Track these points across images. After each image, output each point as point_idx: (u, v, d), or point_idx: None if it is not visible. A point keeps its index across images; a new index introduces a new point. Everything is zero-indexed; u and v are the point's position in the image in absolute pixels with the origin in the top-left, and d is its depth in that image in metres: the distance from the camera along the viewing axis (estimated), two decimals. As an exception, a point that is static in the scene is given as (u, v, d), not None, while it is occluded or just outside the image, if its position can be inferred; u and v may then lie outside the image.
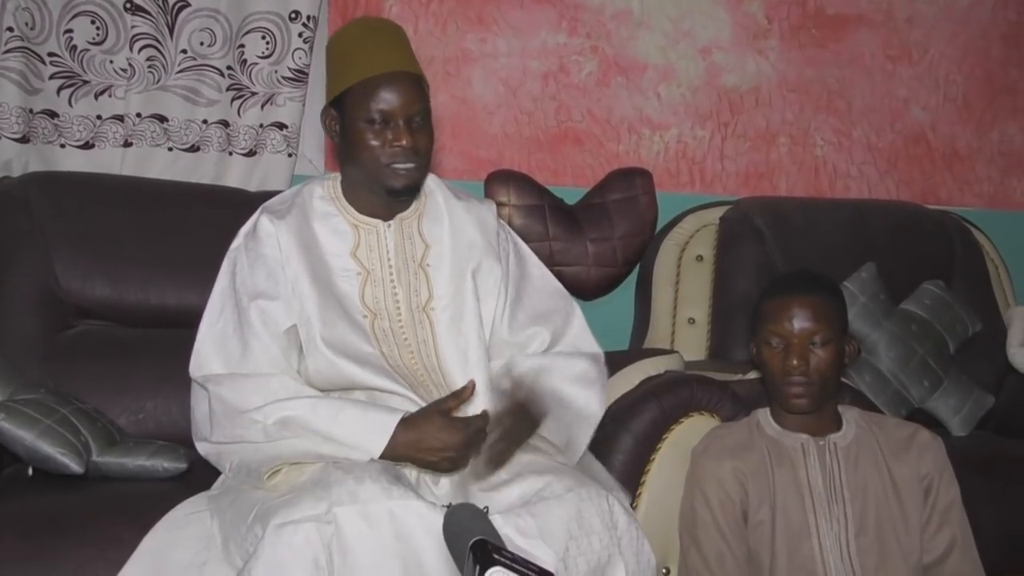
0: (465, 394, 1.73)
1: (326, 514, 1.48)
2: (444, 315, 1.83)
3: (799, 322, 1.87)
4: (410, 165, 1.77)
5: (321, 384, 1.77)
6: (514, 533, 1.54)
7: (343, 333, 1.77)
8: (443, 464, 1.68)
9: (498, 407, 1.74)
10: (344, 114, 1.79)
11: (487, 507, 1.56)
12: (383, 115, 1.75)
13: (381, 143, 1.75)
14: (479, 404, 1.79)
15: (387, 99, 1.74)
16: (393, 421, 1.65)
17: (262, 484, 1.64)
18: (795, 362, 1.85)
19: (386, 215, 1.86)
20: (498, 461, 1.68)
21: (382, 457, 1.64)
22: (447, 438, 1.66)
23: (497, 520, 1.53)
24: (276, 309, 1.76)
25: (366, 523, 1.49)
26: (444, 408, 1.70)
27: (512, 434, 1.71)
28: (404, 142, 1.74)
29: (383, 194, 1.81)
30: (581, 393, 1.85)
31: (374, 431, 1.65)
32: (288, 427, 1.66)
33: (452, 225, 1.89)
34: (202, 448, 1.80)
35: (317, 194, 1.87)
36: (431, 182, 1.93)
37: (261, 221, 1.82)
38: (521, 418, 1.74)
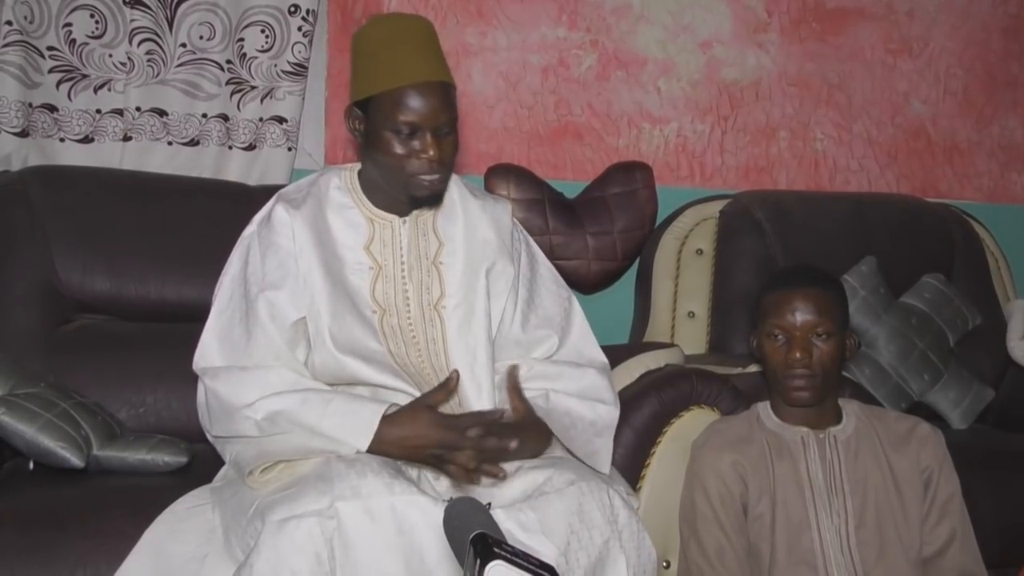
0: (451, 385, 1.70)
1: (328, 509, 1.48)
2: (455, 314, 1.81)
3: (802, 315, 1.87)
4: (435, 176, 1.74)
5: (327, 379, 1.76)
6: (515, 528, 1.54)
7: (351, 328, 1.76)
8: (429, 460, 1.66)
9: (520, 416, 1.73)
10: (370, 118, 1.73)
11: (490, 503, 1.56)
12: (410, 127, 1.70)
13: (406, 152, 1.71)
14: (483, 401, 1.79)
15: (415, 111, 1.69)
16: (378, 414, 1.64)
17: (251, 482, 1.63)
18: (798, 355, 1.85)
19: (402, 210, 1.83)
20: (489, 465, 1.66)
21: (369, 451, 1.63)
22: (433, 435, 1.64)
23: (499, 515, 1.53)
24: (285, 301, 1.74)
25: (368, 518, 1.49)
26: (432, 403, 1.68)
27: (522, 451, 1.70)
28: (431, 153, 1.70)
29: (405, 200, 1.79)
30: (593, 407, 1.83)
31: (359, 425, 1.64)
32: (277, 422, 1.66)
33: (467, 223, 1.87)
34: (209, 439, 1.79)
35: (334, 184, 1.84)
36: None
37: (276, 210, 1.79)
38: (536, 437, 1.74)
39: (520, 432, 1.69)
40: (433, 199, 1.81)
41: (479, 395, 1.79)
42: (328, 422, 1.64)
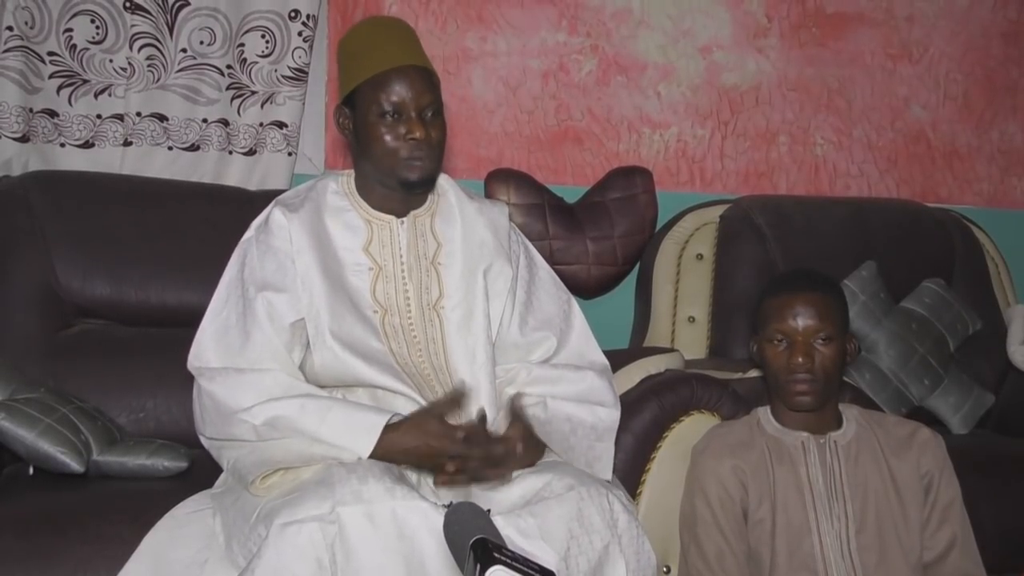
0: (459, 398, 1.70)
1: (330, 514, 1.48)
2: (454, 314, 1.82)
3: (803, 320, 1.87)
4: (424, 159, 1.77)
5: (326, 380, 1.76)
6: (515, 534, 1.54)
7: (352, 327, 1.76)
8: (435, 470, 1.66)
9: (516, 428, 1.73)
10: (356, 111, 1.79)
11: (489, 510, 1.56)
12: (395, 107, 1.75)
13: (394, 136, 1.75)
14: (482, 400, 1.78)
15: (398, 92, 1.75)
16: (381, 422, 1.64)
17: (254, 490, 1.63)
18: (800, 359, 1.85)
19: (400, 212, 1.85)
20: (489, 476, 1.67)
21: (372, 457, 1.63)
22: (443, 446, 1.64)
23: (498, 521, 1.52)
24: (283, 302, 1.75)
25: (370, 523, 1.48)
26: (439, 414, 1.68)
27: (520, 461, 1.71)
28: (417, 134, 1.74)
29: (398, 188, 1.80)
30: (593, 411, 1.84)
31: (361, 432, 1.64)
32: (276, 427, 1.65)
33: (464, 225, 1.88)
34: (203, 441, 1.79)
35: (331, 189, 1.87)
36: (444, 182, 1.92)
37: (274, 214, 1.81)
38: (531, 447, 1.74)
39: (520, 442, 1.71)
40: (424, 182, 1.81)
41: (478, 395, 1.79)
42: (328, 429, 1.64)
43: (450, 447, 1.63)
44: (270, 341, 1.73)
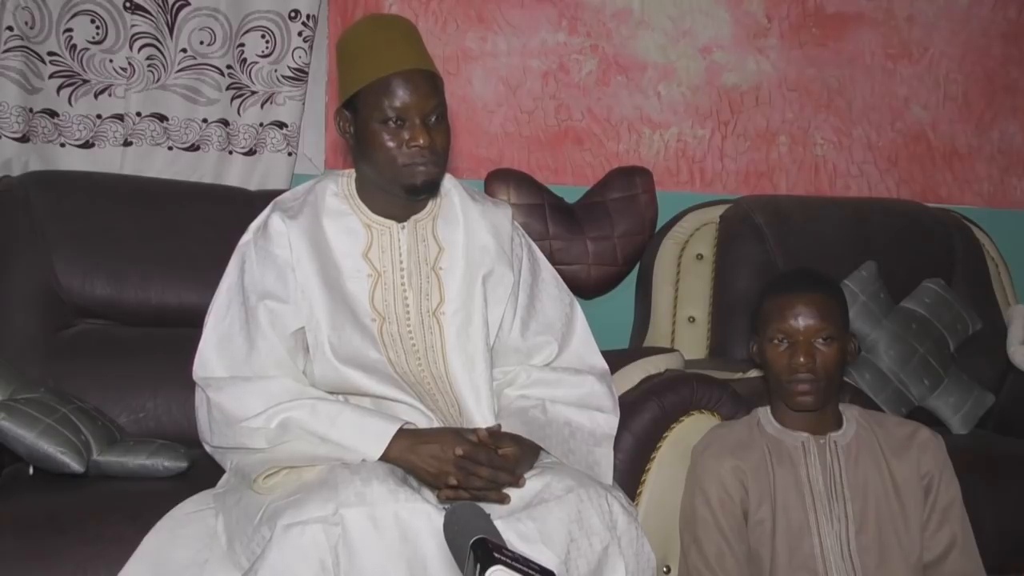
0: (482, 436, 1.69)
1: (333, 515, 1.48)
2: (454, 320, 1.80)
3: (804, 320, 1.87)
4: (428, 164, 1.73)
5: (327, 388, 1.75)
6: (515, 538, 1.53)
7: (350, 337, 1.74)
8: (439, 479, 1.65)
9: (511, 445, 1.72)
10: (358, 115, 1.74)
11: (489, 514, 1.55)
12: (398, 113, 1.70)
13: (397, 143, 1.71)
14: (482, 408, 1.78)
15: (401, 97, 1.69)
16: (393, 429, 1.64)
17: (257, 488, 1.63)
18: (802, 359, 1.85)
19: (401, 216, 1.82)
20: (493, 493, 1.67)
21: (387, 459, 1.63)
22: (448, 454, 1.64)
23: (498, 525, 1.52)
24: (285, 311, 1.73)
25: (373, 525, 1.48)
26: (459, 432, 1.69)
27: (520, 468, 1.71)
28: (421, 141, 1.70)
29: (400, 194, 1.77)
30: (592, 416, 1.83)
31: (372, 436, 1.64)
32: (288, 430, 1.65)
33: (467, 228, 1.85)
34: (207, 448, 1.79)
35: (331, 191, 1.83)
36: (447, 182, 1.89)
37: (272, 219, 1.78)
38: (529, 458, 1.74)
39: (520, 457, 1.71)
40: (428, 188, 1.77)
41: (477, 403, 1.79)
42: (338, 430, 1.64)
43: (453, 470, 1.64)
44: (274, 349, 1.73)
